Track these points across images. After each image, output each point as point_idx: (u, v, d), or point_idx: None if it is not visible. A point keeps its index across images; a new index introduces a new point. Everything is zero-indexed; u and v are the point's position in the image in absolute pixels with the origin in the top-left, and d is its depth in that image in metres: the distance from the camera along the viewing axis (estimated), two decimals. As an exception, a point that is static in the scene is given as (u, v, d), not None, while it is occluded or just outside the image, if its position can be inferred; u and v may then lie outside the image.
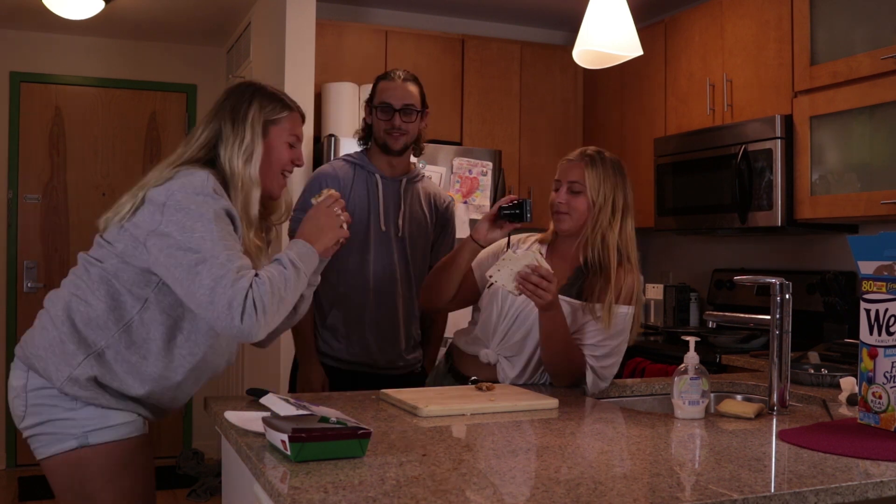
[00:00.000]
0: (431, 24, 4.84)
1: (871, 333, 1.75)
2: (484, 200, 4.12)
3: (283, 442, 1.43)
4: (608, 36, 2.57)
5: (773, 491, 1.31)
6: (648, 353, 3.64)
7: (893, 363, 1.70)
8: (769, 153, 3.42)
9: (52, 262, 5.34)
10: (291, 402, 1.57)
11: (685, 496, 1.29)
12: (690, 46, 4.02)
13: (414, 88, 2.67)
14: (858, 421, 1.78)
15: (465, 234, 2.31)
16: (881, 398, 1.72)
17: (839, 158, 3.26)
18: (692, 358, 1.91)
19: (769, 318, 1.99)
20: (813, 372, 2.46)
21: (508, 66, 4.69)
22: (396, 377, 2.67)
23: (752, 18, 3.65)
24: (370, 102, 2.70)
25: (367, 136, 2.73)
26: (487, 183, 4.14)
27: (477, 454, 1.57)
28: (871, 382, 1.74)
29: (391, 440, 1.62)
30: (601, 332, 2.17)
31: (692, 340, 1.97)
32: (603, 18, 2.57)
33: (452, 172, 4.07)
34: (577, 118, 4.87)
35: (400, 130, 2.62)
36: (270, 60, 4.26)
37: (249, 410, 1.82)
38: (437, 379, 2.46)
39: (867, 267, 1.84)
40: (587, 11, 2.62)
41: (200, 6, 4.71)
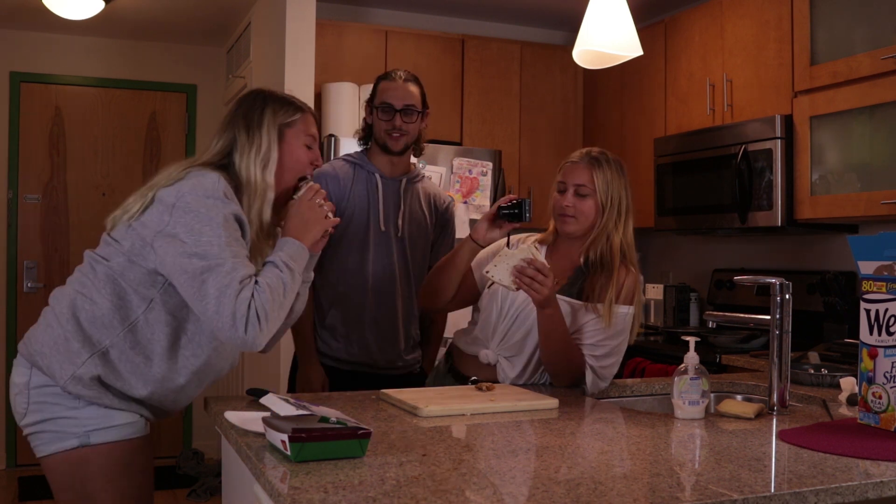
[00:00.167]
0: (431, 24, 4.84)
1: (871, 333, 1.75)
2: (484, 200, 4.12)
3: (283, 442, 1.43)
4: (608, 36, 2.57)
5: (773, 491, 1.31)
6: (648, 353, 3.64)
7: (893, 363, 1.70)
8: (769, 153, 3.42)
9: (52, 262, 5.34)
10: (291, 402, 1.57)
11: (685, 496, 1.29)
12: (690, 46, 4.02)
13: (415, 89, 2.67)
14: (858, 421, 1.78)
15: (465, 234, 2.31)
16: (881, 398, 1.72)
17: (839, 158, 3.26)
18: (692, 358, 1.91)
19: (769, 318, 1.99)
20: (813, 372, 2.46)
21: (508, 66, 4.69)
22: (395, 377, 2.67)
23: (752, 18, 3.65)
24: (371, 102, 2.70)
25: (367, 135, 2.73)
26: (487, 183, 4.14)
27: (477, 454, 1.57)
28: (871, 382, 1.74)
29: (391, 440, 1.62)
30: (601, 331, 2.17)
31: (692, 340, 1.97)
32: (603, 18, 2.57)
33: (452, 172, 4.07)
34: (577, 118, 4.87)
35: (400, 131, 2.63)
36: (270, 60, 4.26)
37: (249, 410, 1.82)
38: (437, 379, 2.45)
39: (867, 267, 1.84)
40: (587, 11, 2.63)
41: (200, 6, 4.71)
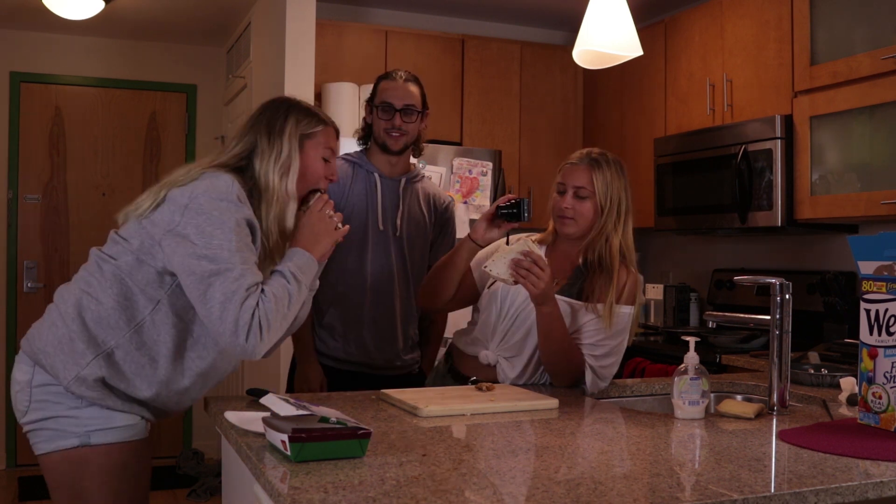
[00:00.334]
0: (431, 24, 4.84)
1: (871, 333, 1.75)
2: (484, 200, 4.12)
3: (283, 442, 1.43)
4: (608, 36, 2.57)
5: (773, 491, 1.31)
6: (648, 353, 3.64)
7: (893, 363, 1.70)
8: (769, 153, 3.42)
9: (52, 262, 5.34)
10: (291, 402, 1.57)
11: (685, 496, 1.29)
12: (690, 46, 4.02)
13: (415, 89, 2.67)
14: (858, 421, 1.78)
15: (465, 234, 2.31)
16: (881, 398, 1.72)
17: (839, 158, 3.26)
18: (692, 358, 1.91)
19: (769, 318, 1.99)
20: (813, 372, 2.46)
21: (508, 66, 4.69)
22: (394, 378, 2.66)
23: (752, 18, 3.65)
24: (371, 102, 2.70)
25: (366, 135, 2.73)
26: (487, 183, 4.14)
27: (477, 454, 1.57)
28: (871, 382, 1.74)
29: (391, 440, 1.62)
30: (601, 331, 2.17)
31: (692, 340, 1.96)
32: (603, 18, 2.58)
33: (452, 172, 4.07)
34: (577, 118, 4.87)
35: (400, 131, 2.63)
36: (270, 60, 4.26)
37: (249, 410, 1.82)
38: (436, 379, 2.45)
39: (867, 267, 1.84)
40: (587, 11, 2.63)
41: (200, 6, 4.71)
